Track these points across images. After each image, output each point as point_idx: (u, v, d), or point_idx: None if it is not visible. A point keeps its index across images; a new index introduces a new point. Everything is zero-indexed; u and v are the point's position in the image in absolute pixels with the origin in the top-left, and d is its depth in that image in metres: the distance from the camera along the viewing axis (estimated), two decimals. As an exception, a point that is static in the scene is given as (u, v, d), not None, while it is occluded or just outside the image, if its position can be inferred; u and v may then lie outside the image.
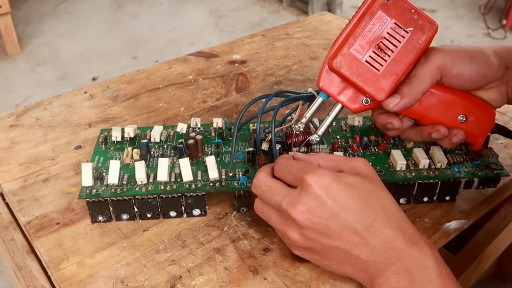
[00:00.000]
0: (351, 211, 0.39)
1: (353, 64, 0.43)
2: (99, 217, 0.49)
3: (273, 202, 0.42)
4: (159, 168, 0.49)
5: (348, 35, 0.43)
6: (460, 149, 0.52)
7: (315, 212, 0.39)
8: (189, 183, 0.48)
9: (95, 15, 2.59)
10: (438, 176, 0.49)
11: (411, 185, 0.49)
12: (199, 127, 0.56)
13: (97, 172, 0.49)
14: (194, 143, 0.51)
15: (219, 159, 0.51)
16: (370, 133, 0.55)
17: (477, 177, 0.50)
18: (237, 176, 0.49)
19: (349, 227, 0.39)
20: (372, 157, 0.52)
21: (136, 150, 0.51)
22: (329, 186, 0.40)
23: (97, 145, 0.54)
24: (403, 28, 0.43)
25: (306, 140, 0.51)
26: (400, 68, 0.43)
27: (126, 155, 0.51)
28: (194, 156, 0.51)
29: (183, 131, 0.55)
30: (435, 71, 0.44)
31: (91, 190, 0.48)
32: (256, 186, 0.44)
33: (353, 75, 0.43)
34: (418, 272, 0.38)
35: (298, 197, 0.40)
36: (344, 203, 0.39)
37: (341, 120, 0.57)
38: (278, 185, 0.43)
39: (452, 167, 0.50)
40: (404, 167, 0.50)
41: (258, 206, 0.45)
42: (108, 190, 0.48)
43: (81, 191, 0.48)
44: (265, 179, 0.44)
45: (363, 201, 0.40)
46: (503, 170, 0.50)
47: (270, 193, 0.43)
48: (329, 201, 0.39)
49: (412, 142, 0.52)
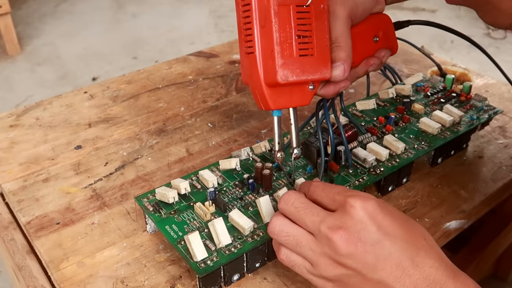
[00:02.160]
0: (397, 238, 0.36)
1: (293, 67, 0.41)
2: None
3: (309, 222, 0.38)
4: (263, 208, 0.44)
5: (269, 46, 0.40)
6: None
7: (360, 237, 0.36)
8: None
9: (95, 15, 2.59)
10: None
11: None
12: (251, 156, 0.53)
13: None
14: (270, 173, 0.47)
15: (290, 181, 0.49)
16: (382, 112, 0.59)
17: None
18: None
19: (394, 256, 0.35)
20: (406, 130, 0.56)
21: (206, 203, 0.46)
22: (374, 210, 0.36)
23: (153, 215, 0.46)
24: (304, 5, 0.41)
25: (355, 133, 0.53)
26: (324, 39, 0.43)
27: (202, 212, 0.45)
28: (269, 187, 0.48)
29: (231, 166, 0.51)
30: (347, 21, 0.44)
31: (206, 261, 0.41)
32: (286, 201, 0.39)
33: (300, 76, 0.42)
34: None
35: (340, 220, 0.36)
36: (390, 230, 0.36)
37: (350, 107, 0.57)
38: (315, 205, 0.39)
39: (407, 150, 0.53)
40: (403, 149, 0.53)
41: (279, 226, 0.39)
42: (223, 254, 0.41)
43: (197, 268, 0.40)
44: (299, 196, 0.39)
45: (407, 229, 0.37)
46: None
47: (306, 212, 0.38)
48: (374, 225, 0.36)
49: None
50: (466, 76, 0.66)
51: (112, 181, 0.55)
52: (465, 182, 0.55)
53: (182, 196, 0.47)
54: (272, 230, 0.39)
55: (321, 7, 0.42)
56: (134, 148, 0.60)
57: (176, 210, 0.46)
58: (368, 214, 0.36)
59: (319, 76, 0.42)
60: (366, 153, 0.51)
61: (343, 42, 0.43)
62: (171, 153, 0.59)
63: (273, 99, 0.42)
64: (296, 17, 0.41)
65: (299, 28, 0.41)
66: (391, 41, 0.50)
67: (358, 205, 0.36)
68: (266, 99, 0.42)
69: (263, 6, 0.40)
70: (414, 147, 0.53)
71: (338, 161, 0.51)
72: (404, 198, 0.52)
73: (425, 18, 0.69)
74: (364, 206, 0.36)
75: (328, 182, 0.47)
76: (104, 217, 0.50)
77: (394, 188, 0.53)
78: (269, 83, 0.41)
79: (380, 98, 0.62)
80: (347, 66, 0.43)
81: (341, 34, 0.43)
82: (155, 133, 0.63)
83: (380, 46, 0.48)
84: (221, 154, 0.59)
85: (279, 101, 0.43)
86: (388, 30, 0.49)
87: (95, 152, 0.59)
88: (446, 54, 2.17)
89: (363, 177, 0.49)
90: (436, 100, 0.61)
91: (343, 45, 0.43)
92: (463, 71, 0.68)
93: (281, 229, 0.39)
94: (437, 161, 0.57)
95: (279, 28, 0.40)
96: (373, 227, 0.36)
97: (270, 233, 0.40)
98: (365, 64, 0.47)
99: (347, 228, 0.36)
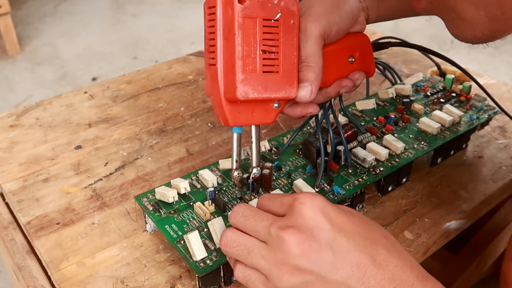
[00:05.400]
0: (354, 234, 0.34)
1: (255, 83, 0.39)
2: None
3: (259, 228, 0.35)
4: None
5: (231, 60, 0.38)
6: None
7: (314, 234, 0.33)
8: None
9: (95, 15, 2.59)
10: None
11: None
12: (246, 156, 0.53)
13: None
14: (269, 172, 0.47)
15: (290, 181, 0.49)
16: (382, 112, 0.59)
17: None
18: (326, 189, 0.48)
19: (353, 254, 0.33)
20: (405, 130, 0.56)
21: (206, 202, 0.46)
22: (325, 205, 0.34)
23: (153, 215, 0.46)
24: (272, 19, 0.39)
25: (354, 133, 0.53)
26: (292, 56, 0.40)
27: (201, 212, 0.45)
28: (269, 187, 0.48)
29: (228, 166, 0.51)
30: (320, 41, 0.41)
31: (205, 261, 0.41)
32: (236, 213, 0.38)
33: (261, 93, 0.39)
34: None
35: (291, 220, 0.34)
36: (345, 226, 0.34)
37: (350, 107, 0.57)
38: (263, 211, 0.37)
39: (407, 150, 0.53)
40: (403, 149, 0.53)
41: (230, 237, 0.37)
42: (222, 254, 0.40)
43: (197, 267, 0.40)
44: (248, 207, 0.38)
45: (364, 226, 0.35)
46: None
47: (256, 218, 0.36)
48: (328, 222, 0.34)
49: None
50: (465, 76, 0.66)
51: (112, 181, 0.55)
52: (465, 182, 0.55)
53: (181, 195, 0.47)
54: (223, 243, 0.37)
55: (291, 23, 0.40)
56: (134, 148, 0.60)
57: (176, 210, 0.46)
58: (320, 210, 0.34)
59: (283, 95, 0.40)
60: (365, 153, 0.51)
61: (313, 62, 0.41)
62: (171, 153, 0.59)
63: (233, 115, 0.40)
64: (262, 31, 0.39)
65: (265, 43, 0.39)
66: (368, 63, 0.48)
67: (308, 202, 0.34)
68: (225, 115, 0.40)
69: (227, 16, 0.38)
70: (414, 147, 0.53)
71: (338, 161, 0.51)
72: (404, 198, 0.52)
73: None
74: (314, 203, 0.34)
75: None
76: (104, 217, 0.50)
77: (394, 188, 0.53)
78: (229, 98, 0.39)
79: (380, 98, 0.62)
80: (314, 88, 0.41)
81: (312, 54, 0.41)
82: (155, 133, 0.63)
83: (356, 67, 0.46)
84: (221, 154, 0.59)
85: (240, 117, 0.41)
86: (365, 51, 0.47)
87: (95, 152, 0.59)
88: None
89: (363, 177, 0.50)
90: (436, 100, 0.61)
91: (313, 65, 0.41)
92: (463, 71, 0.68)
93: (232, 239, 0.37)
94: (437, 161, 0.57)
95: (243, 41, 0.38)
96: (327, 224, 0.33)
97: (222, 246, 0.38)
98: (337, 85, 0.45)
99: (298, 226, 0.33)
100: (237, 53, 0.38)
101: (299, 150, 0.54)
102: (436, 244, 0.48)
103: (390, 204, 0.52)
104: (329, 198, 0.47)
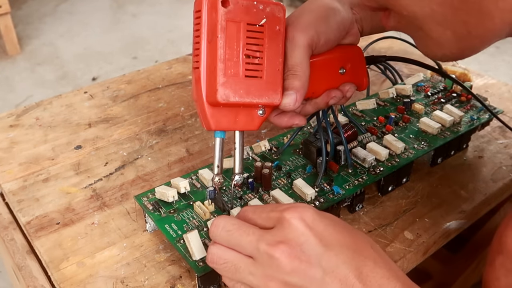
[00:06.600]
0: (342, 247, 0.34)
1: (237, 87, 0.39)
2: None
3: (245, 243, 0.35)
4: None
5: (213, 63, 0.38)
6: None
7: (303, 250, 0.33)
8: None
9: (95, 15, 2.59)
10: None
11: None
12: (251, 155, 0.53)
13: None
14: (269, 172, 0.47)
15: (290, 180, 0.49)
16: (382, 112, 0.59)
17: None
18: (326, 189, 0.48)
19: (341, 268, 0.33)
20: (406, 130, 0.56)
21: (205, 202, 0.46)
22: (314, 220, 0.35)
23: (152, 214, 0.46)
24: (257, 24, 0.39)
25: (355, 133, 0.53)
26: (277, 62, 0.40)
27: (201, 211, 0.45)
28: (269, 187, 0.48)
29: (231, 165, 0.50)
30: (307, 50, 0.41)
31: (205, 260, 0.40)
32: (216, 226, 0.36)
33: (243, 97, 0.39)
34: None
35: (280, 235, 0.34)
36: (333, 240, 0.34)
37: (350, 107, 0.57)
38: (249, 224, 0.36)
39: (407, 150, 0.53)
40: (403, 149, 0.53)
41: (215, 254, 0.36)
42: None
43: (196, 267, 0.40)
44: (229, 219, 0.37)
45: (352, 237, 0.35)
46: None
47: (240, 232, 0.35)
48: (316, 237, 0.34)
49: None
50: (466, 76, 0.66)
51: (112, 181, 0.55)
52: (465, 182, 0.55)
53: (181, 195, 0.47)
54: (209, 260, 0.37)
55: (276, 29, 0.40)
56: (134, 148, 0.60)
57: (176, 209, 0.46)
58: (307, 226, 0.34)
59: (266, 100, 0.40)
60: (365, 153, 0.51)
61: (300, 71, 0.41)
62: (171, 153, 0.59)
63: (215, 119, 0.40)
64: (246, 36, 0.39)
65: (249, 48, 0.39)
66: (360, 76, 0.47)
67: (297, 217, 0.34)
68: (207, 118, 0.40)
69: (212, 20, 0.38)
70: (414, 147, 0.53)
71: (338, 161, 0.51)
72: (404, 198, 0.52)
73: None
74: (303, 217, 0.34)
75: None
76: (104, 217, 0.50)
77: (394, 188, 0.53)
78: (210, 102, 0.39)
79: (380, 98, 0.62)
80: (299, 96, 0.41)
81: (299, 62, 0.41)
82: (155, 133, 0.63)
83: (346, 79, 0.46)
84: (221, 154, 0.59)
85: (222, 122, 0.40)
86: (357, 63, 0.47)
87: (95, 152, 0.59)
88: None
89: (363, 176, 0.50)
90: (437, 100, 0.61)
91: (299, 74, 0.41)
92: (463, 71, 0.68)
93: (218, 256, 0.36)
94: (437, 161, 0.57)
95: (225, 45, 0.38)
96: (316, 239, 0.34)
97: (208, 263, 0.37)
98: (326, 95, 0.45)
99: (288, 242, 0.33)
100: (218, 56, 0.38)
101: (299, 149, 0.54)
102: (436, 244, 0.48)
103: (390, 204, 0.52)
104: (329, 198, 0.47)
